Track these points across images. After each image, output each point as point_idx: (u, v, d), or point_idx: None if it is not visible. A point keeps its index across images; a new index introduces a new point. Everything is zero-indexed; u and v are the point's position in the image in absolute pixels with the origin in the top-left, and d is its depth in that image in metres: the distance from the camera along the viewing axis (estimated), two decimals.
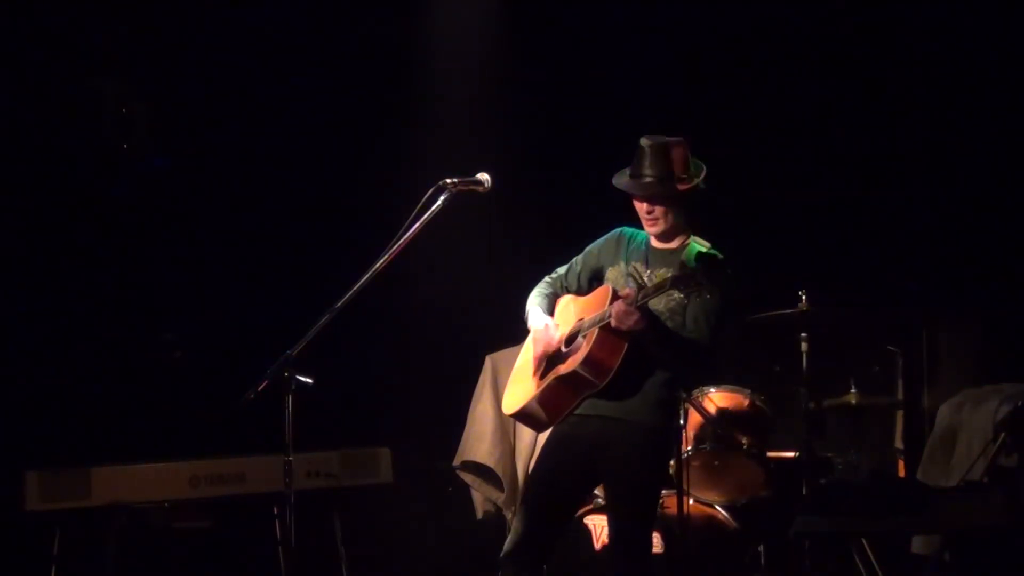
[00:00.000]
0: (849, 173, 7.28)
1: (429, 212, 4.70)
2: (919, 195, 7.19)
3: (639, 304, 4.48)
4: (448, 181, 4.74)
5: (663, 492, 6.05)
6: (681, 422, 6.37)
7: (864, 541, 4.98)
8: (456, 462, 6.51)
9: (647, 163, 4.76)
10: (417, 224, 4.68)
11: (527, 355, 4.98)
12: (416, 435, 6.94)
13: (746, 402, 6.41)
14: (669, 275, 4.45)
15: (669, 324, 4.62)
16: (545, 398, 4.74)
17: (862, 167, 7.26)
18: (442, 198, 4.73)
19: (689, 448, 6.35)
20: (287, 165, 7.19)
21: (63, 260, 6.76)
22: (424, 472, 6.85)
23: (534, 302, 4.99)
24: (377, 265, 4.66)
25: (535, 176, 7.35)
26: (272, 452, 5.74)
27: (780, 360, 6.82)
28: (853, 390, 6.51)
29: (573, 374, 4.61)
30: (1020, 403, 5.78)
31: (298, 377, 4.67)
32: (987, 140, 6.92)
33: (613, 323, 4.52)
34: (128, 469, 6.12)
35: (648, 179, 4.75)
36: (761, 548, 6.31)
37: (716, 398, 6.41)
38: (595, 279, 4.98)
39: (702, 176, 4.80)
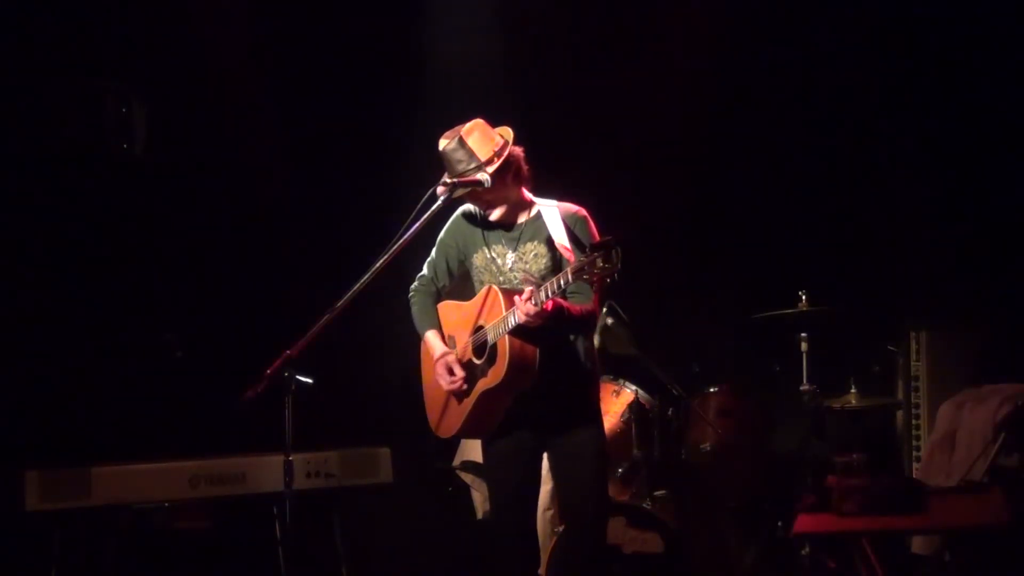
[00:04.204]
0: (849, 172, 7.28)
1: (429, 212, 4.70)
2: (919, 195, 7.19)
3: (545, 301, 4.47)
4: (448, 180, 4.73)
5: (664, 493, 6.08)
6: (681, 423, 6.40)
7: (864, 541, 4.97)
8: (456, 462, 6.50)
9: (453, 163, 4.73)
10: (417, 224, 4.68)
11: (432, 377, 4.97)
12: (416, 435, 6.93)
13: (746, 402, 6.41)
14: (569, 273, 4.38)
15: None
16: (479, 412, 4.78)
17: (862, 167, 7.27)
18: (442, 198, 4.72)
19: (689, 449, 6.36)
20: (287, 164, 7.18)
21: (63, 260, 6.76)
22: (424, 472, 6.84)
23: (425, 322, 4.97)
24: (377, 265, 4.65)
25: (535, 175, 7.34)
26: (272, 452, 5.75)
27: (780, 360, 6.82)
28: (853, 390, 6.52)
29: (501, 385, 4.64)
30: (1020, 403, 5.79)
31: (298, 377, 4.67)
32: (987, 137, 6.92)
33: (523, 320, 4.51)
34: (128, 469, 6.11)
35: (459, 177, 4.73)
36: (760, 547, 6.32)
37: (716, 399, 6.41)
38: (461, 265, 4.97)
39: (507, 145, 4.77)
